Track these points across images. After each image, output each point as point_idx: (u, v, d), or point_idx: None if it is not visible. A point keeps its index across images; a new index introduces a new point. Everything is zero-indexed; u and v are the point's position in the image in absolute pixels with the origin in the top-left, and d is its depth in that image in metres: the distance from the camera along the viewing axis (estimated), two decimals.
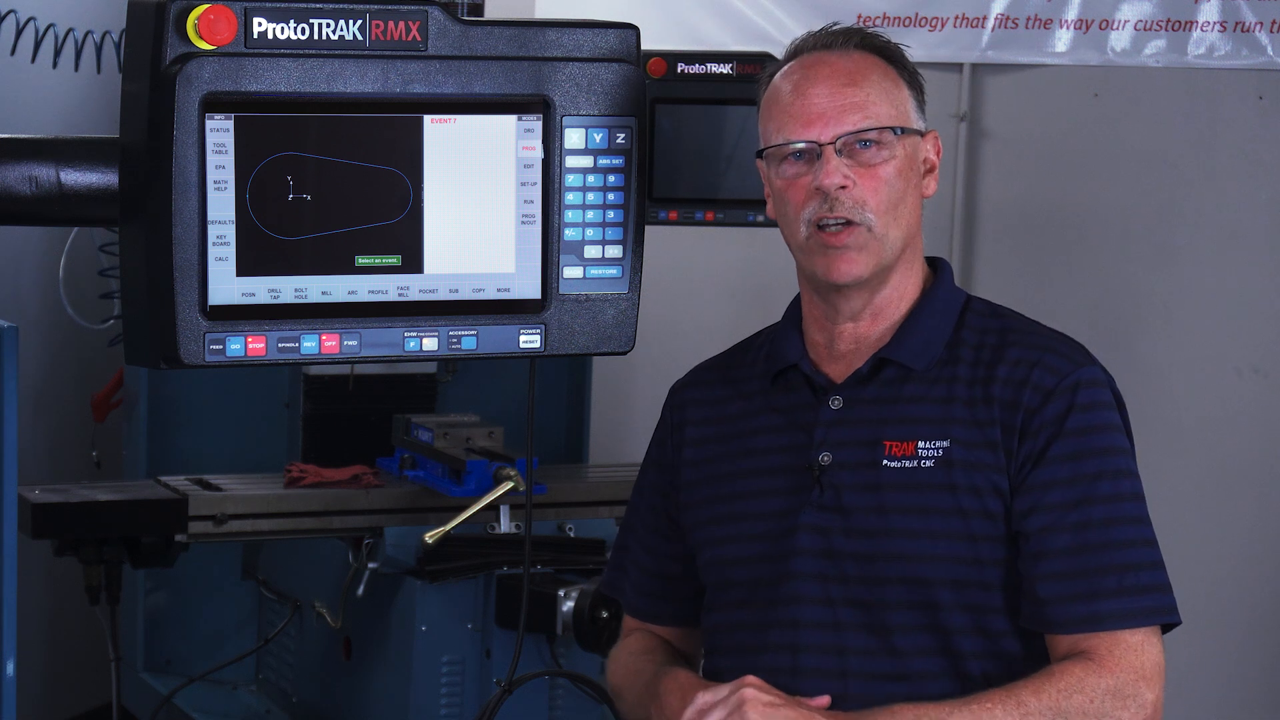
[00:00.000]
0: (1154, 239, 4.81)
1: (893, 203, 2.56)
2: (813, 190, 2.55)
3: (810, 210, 2.55)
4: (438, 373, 5.03)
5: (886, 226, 2.56)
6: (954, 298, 2.67)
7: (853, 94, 2.56)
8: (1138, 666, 2.49)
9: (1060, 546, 2.51)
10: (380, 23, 2.28)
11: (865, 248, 2.55)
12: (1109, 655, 2.48)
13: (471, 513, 4.31)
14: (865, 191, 2.54)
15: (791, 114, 2.57)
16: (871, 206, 2.54)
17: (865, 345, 2.63)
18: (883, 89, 2.58)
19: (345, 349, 2.31)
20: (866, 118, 2.55)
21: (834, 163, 2.53)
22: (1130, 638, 2.50)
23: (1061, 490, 2.52)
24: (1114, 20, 4.84)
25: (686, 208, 4.38)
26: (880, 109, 2.56)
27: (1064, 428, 2.53)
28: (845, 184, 2.53)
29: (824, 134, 2.55)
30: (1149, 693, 2.49)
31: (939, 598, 2.54)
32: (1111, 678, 2.47)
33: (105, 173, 2.32)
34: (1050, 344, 2.61)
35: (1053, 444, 2.53)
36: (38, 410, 5.67)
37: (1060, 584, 2.51)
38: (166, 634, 5.25)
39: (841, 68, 2.58)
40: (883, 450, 2.58)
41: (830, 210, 2.54)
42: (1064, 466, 2.53)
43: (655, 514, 2.79)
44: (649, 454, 2.81)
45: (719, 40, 5.55)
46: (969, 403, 2.57)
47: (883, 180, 2.55)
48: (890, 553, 2.55)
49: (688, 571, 2.77)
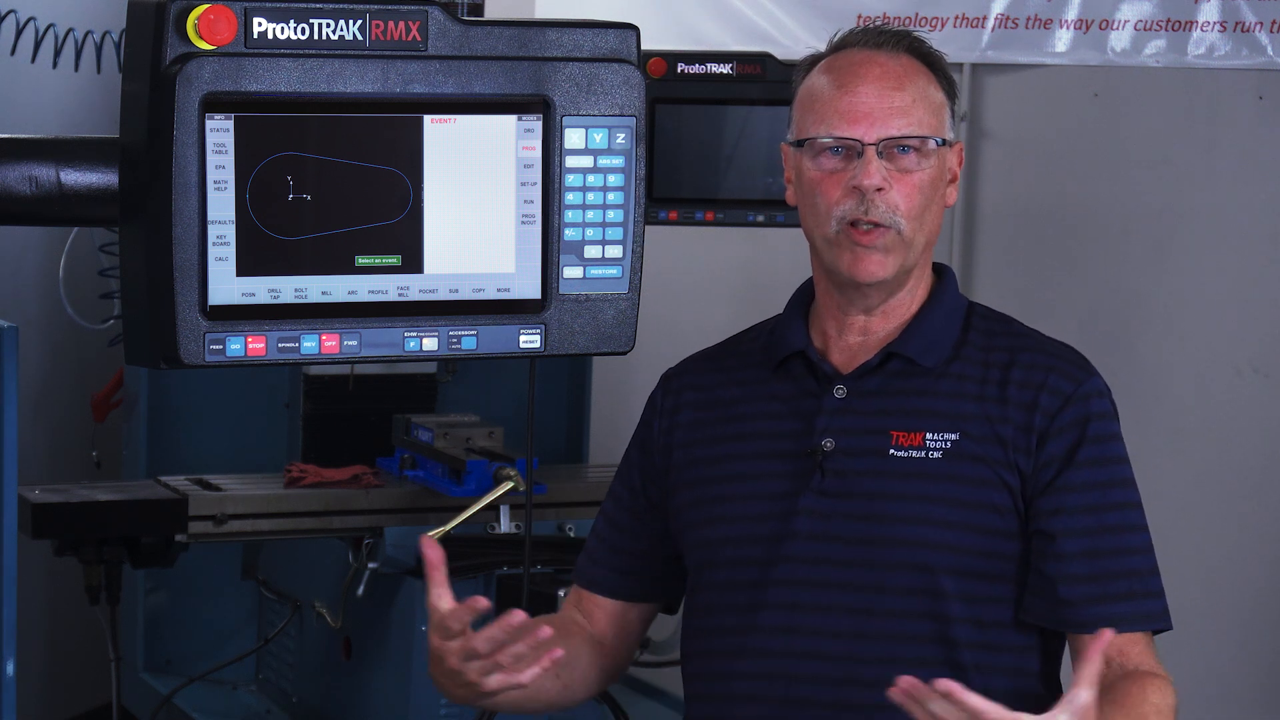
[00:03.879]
0: (1154, 239, 4.81)
1: (922, 209, 2.60)
2: (849, 188, 2.57)
3: (845, 209, 2.58)
4: (438, 373, 5.02)
5: (914, 232, 2.60)
6: (959, 303, 2.71)
7: (899, 98, 2.59)
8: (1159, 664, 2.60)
9: (1081, 549, 2.58)
10: (380, 23, 2.28)
11: (892, 250, 2.58)
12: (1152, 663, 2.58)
13: (471, 513, 4.31)
14: (899, 196, 2.57)
15: (838, 109, 2.59)
16: (904, 211, 2.58)
17: (873, 340, 2.67)
18: (927, 96, 2.61)
19: (345, 349, 2.32)
20: (910, 124, 2.58)
21: (875, 164, 2.56)
22: (1150, 641, 2.60)
23: (1085, 494, 2.58)
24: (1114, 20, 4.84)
25: (686, 208, 4.38)
26: (924, 117, 2.59)
27: (1086, 434, 2.59)
28: (883, 186, 2.56)
29: (868, 134, 2.57)
30: None
31: (941, 586, 2.57)
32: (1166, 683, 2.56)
33: (105, 173, 2.32)
34: (1060, 352, 2.67)
35: (1079, 449, 2.59)
36: (38, 410, 5.67)
37: (1082, 586, 2.57)
38: (166, 634, 5.25)
39: (891, 70, 2.61)
40: (890, 440, 2.61)
41: (865, 212, 2.57)
42: (1088, 471, 2.59)
43: (630, 492, 2.81)
44: (633, 438, 2.83)
45: (719, 40, 5.55)
46: (979, 399, 2.61)
47: (916, 187, 2.58)
48: (894, 538, 2.58)
49: (648, 549, 2.78)
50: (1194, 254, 4.74)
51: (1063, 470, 2.58)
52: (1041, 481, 2.58)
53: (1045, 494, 2.58)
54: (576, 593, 2.86)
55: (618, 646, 2.83)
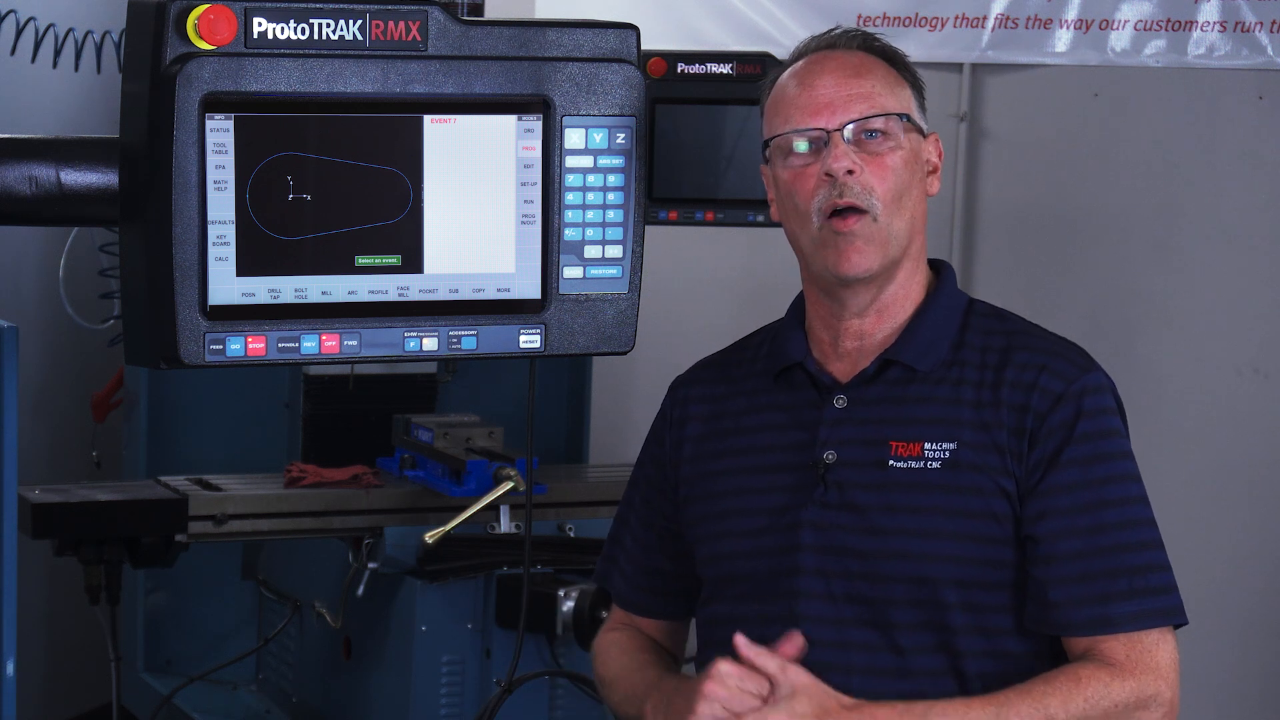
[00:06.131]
0: (1154, 239, 4.81)
1: (898, 193, 2.58)
2: (821, 177, 2.57)
3: (820, 198, 2.57)
4: (438, 373, 5.03)
5: (890, 217, 2.58)
6: (957, 300, 2.68)
7: (859, 85, 2.59)
8: (1155, 667, 2.52)
9: (1072, 550, 2.53)
10: (380, 23, 2.28)
11: (872, 239, 2.57)
12: (1128, 659, 2.52)
13: (471, 513, 4.31)
14: (872, 178, 2.57)
15: (799, 105, 2.60)
16: (879, 194, 2.57)
17: (870, 345, 2.65)
18: (887, 83, 2.62)
19: (345, 349, 2.31)
20: (873, 107, 2.58)
21: (843, 148, 2.56)
22: (1146, 638, 2.53)
23: (1073, 495, 2.55)
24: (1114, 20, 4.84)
25: (686, 208, 4.38)
26: (886, 100, 2.60)
27: (1074, 433, 2.55)
28: (854, 169, 2.55)
29: (832, 121, 2.58)
30: (1167, 691, 2.53)
31: (943, 597, 2.55)
32: (1134, 681, 2.51)
33: (105, 173, 2.32)
34: (1056, 349, 2.63)
35: (1064, 449, 2.55)
36: (38, 410, 5.67)
37: (1072, 587, 2.53)
38: (166, 634, 5.25)
39: (848, 62, 2.62)
40: (889, 450, 2.59)
41: (840, 195, 2.56)
42: (1075, 471, 2.55)
43: (649, 509, 2.81)
44: (646, 448, 2.83)
45: (719, 40, 5.55)
46: (976, 405, 2.59)
47: (889, 168, 2.58)
48: (896, 551, 2.56)
49: (679, 569, 2.79)
50: (1194, 254, 4.74)
51: (1048, 473, 2.55)
52: (1030, 485, 2.55)
53: (1032, 497, 2.55)
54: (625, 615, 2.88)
55: (674, 648, 2.87)
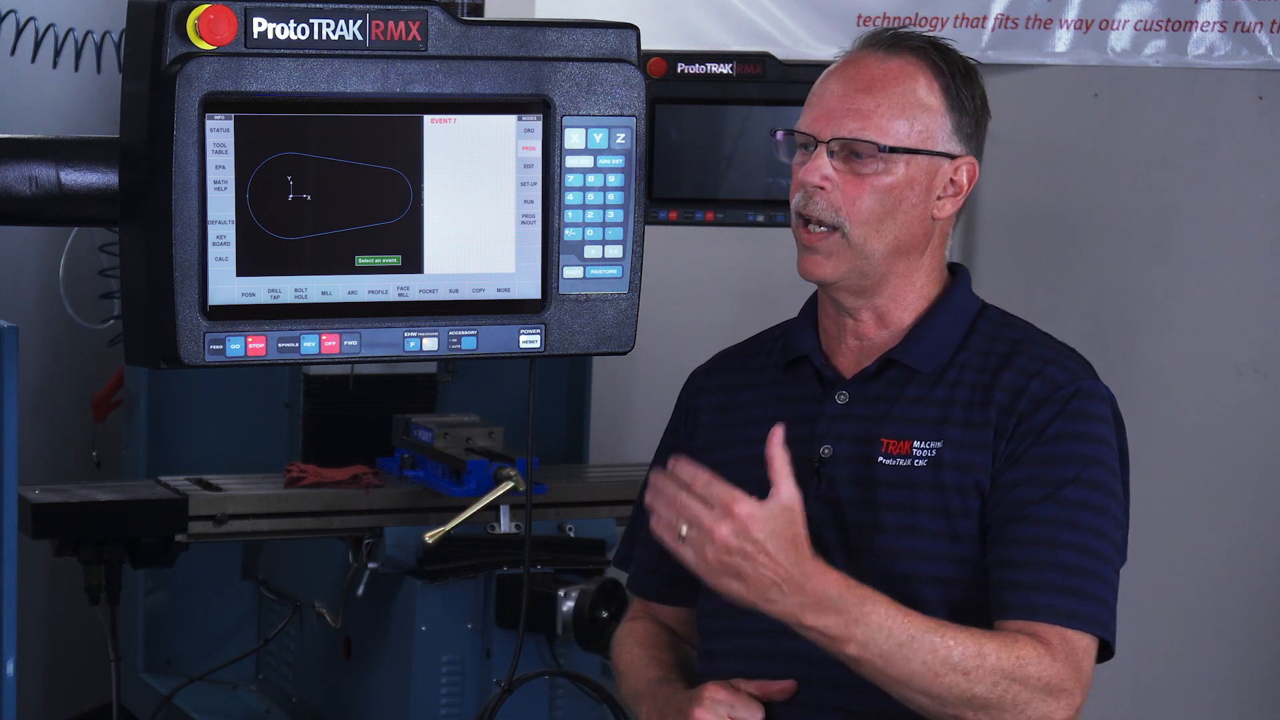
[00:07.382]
0: (1154, 239, 4.81)
1: (878, 215, 2.56)
2: (799, 182, 2.58)
3: (797, 200, 2.59)
4: (438, 373, 5.03)
5: (865, 236, 2.57)
6: (968, 305, 2.68)
7: (864, 101, 2.56)
8: (1079, 668, 2.51)
9: (1014, 536, 2.53)
10: (380, 23, 2.28)
11: (834, 254, 2.57)
12: (1059, 648, 2.50)
13: (471, 513, 4.31)
14: (845, 198, 2.55)
15: (810, 104, 2.61)
16: (848, 213, 2.56)
17: (872, 345, 2.66)
18: (903, 104, 2.57)
19: (345, 349, 2.32)
20: (865, 129, 2.55)
21: (820, 161, 2.56)
22: (1077, 640, 2.51)
23: (1028, 488, 2.54)
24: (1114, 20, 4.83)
25: (686, 208, 4.38)
26: (885, 123, 2.56)
27: (1045, 433, 2.55)
28: (824, 185, 2.55)
29: (823, 131, 2.57)
30: (1079, 696, 2.51)
31: (923, 594, 2.55)
32: (1061, 667, 2.49)
33: (105, 173, 2.33)
34: (1055, 356, 2.62)
35: (1031, 447, 2.55)
36: (38, 410, 5.67)
37: (1008, 571, 2.53)
38: (166, 634, 5.25)
39: (870, 72, 2.58)
40: (879, 447, 2.60)
41: (804, 206, 2.56)
42: (1035, 468, 2.54)
43: None
44: (665, 438, 2.85)
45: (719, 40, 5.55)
46: (967, 406, 2.59)
47: (869, 190, 2.56)
48: (877, 548, 2.58)
49: None
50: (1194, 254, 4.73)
51: (1013, 466, 2.55)
52: (995, 478, 2.55)
53: (993, 489, 2.55)
54: (642, 603, 2.88)
55: (691, 636, 2.85)
